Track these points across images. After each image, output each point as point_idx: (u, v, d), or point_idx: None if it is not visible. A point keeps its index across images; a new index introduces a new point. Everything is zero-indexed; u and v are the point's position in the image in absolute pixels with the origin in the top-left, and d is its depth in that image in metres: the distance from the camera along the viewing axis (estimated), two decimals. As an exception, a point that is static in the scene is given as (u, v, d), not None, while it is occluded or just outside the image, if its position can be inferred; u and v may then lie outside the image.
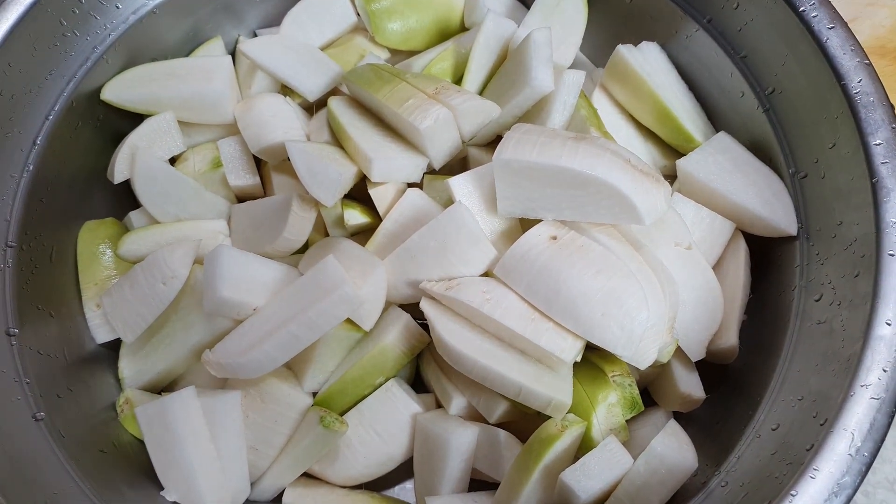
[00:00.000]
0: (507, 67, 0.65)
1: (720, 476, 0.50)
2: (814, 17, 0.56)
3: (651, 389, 0.62)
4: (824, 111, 0.55)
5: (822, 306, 0.53)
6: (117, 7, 0.66)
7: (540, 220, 0.56)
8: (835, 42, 0.54)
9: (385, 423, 0.59)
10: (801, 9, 0.56)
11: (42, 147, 0.61)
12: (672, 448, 0.52)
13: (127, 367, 0.62)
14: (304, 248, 0.63)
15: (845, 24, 0.55)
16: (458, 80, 0.68)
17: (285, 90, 0.69)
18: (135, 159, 0.64)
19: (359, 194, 0.62)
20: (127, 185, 0.68)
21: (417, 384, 0.64)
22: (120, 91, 0.66)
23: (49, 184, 0.62)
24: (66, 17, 0.62)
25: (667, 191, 0.55)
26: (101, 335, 0.63)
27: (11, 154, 0.59)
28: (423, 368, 0.64)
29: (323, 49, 0.72)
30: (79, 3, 0.63)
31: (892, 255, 0.48)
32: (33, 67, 0.60)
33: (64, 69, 0.63)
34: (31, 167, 0.60)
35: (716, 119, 0.67)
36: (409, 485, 0.64)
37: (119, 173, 0.65)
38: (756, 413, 0.52)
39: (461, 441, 0.55)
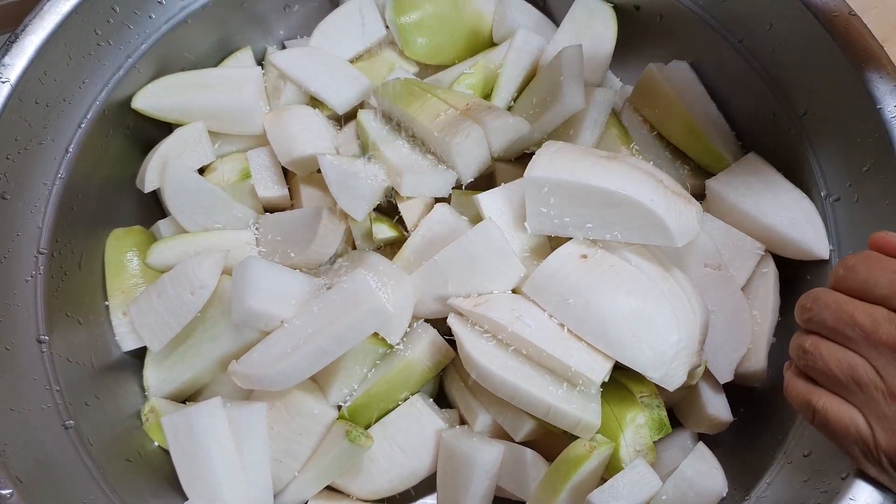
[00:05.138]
0: (537, 84, 0.65)
1: (750, 501, 0.50)
2: (849, 39, 0.56)
3: (677, 410, 0.62)
4: (859, 135, 0.55)
5: (854, 332, 0.52)
6: (150, 17, 0.66)
7: (569, 239, 0.56)
8: (870, 65, 0.54)
9: (409, 439, 0.59)
10: (836, 31, 0.56)
11: (74, 155, 0.62)
12: (701, 472, 0.52)
13: (152, 375, 0.63)
14: (331, 261, 0.63)
15: (881, 47, 0.55)
16: (486, 96, 0.69)
17: (314, 102, 0.70)
18: (166, 169, 0.64)
19: (386, 208, 0.63)
20: (153, 194, 0.68)
21: (440, 399, 0.64)
22: (151, 100, 0.67)
23: (80, 191, 0.62)
24: (100, 26, 0.63)
25: (699, 211, 0.54)
26: (128, 343, 0.63)
27: (45, 162, 0.60)
28: (447, 384, 0.63)
29: (352, 62, 0.72)
30: (113, 13, 0.63)
31: (927, 281, 0.48)
32: (68, 76, 0.61)
33: (97, 78, 0.63)
34: (63, 175, 0.61)
35: (746, 139, 0.67)
36: (430, 500, 0.64)
37: (149, 182, 0.66)
38: (786, 438, 0.52)
39: (486, 459, 0.55)
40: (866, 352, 0.38)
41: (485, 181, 0.66)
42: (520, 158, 0.66)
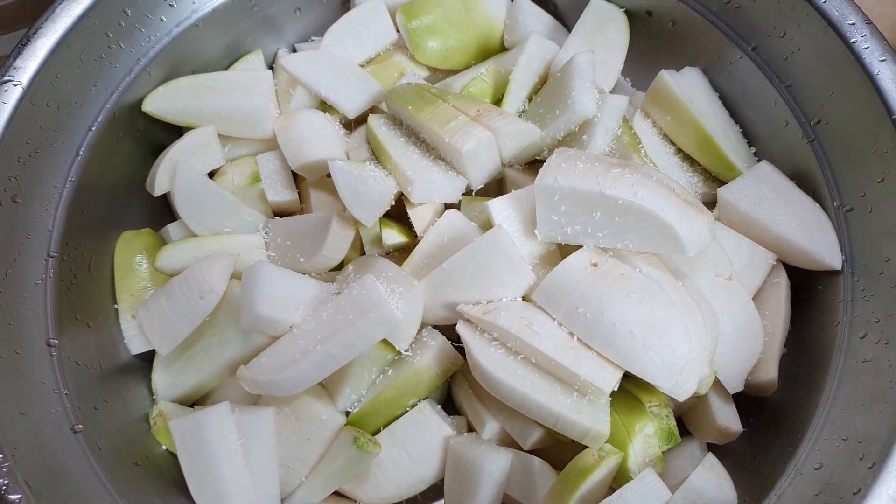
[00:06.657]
0: (548, 90, 0.65)
1: (760, 514, 0.50)
2: (865, 49, 0.55)
3: (686, 420, 0.62)
4: (873, 145, 0.54)
5: (867, 344, 0.52)
6: (161, 20, 0.66)
7: (579, 247, 0.56)
8: (886, 75, 0.54)
9: (417, 445, 0.59)
10: (853, 40, 0.55)
11: (84, 158, 0.62)
12: (710, 483, 0.52)
13: (160, 379, 0.63)
14: (340, 265, 0.63)
15: (896, 56, 0.55)
16: (497, 101, 0.68)
17: (324, 105, 0.70)
18: (176, 173, 0.64)
19: (395, 212, 0.62)
20: (163, 197, 0.68)
21: (448, 406, 0.63)
22: (161, 103, 0.67)
23: (90, 194, 0.62)
24: (112, 29, 0.63)
25: (710, 221, 0.54)
26: (136, 346, 0.63)
27: (55, 165, 0.60)
28: (455, 391, 0.63)
29: (362, 66, 0.72)
30: (125, 16, 0.63)
31: (942, 294, 0.47)
32: (79, 79, 0.61)
33: (108, 81, 0.64)
34: (74, 178, 0.61)
35: (758, 148, 0.66)
36: (437, 506, 0.64)
37: (159, 186, 0.66)
38: (797, 450, 0.51)
39: (494, 466, 0.55)
40: None
41: (495, 187, 0.66)
42: (530, 165, 0.66)
